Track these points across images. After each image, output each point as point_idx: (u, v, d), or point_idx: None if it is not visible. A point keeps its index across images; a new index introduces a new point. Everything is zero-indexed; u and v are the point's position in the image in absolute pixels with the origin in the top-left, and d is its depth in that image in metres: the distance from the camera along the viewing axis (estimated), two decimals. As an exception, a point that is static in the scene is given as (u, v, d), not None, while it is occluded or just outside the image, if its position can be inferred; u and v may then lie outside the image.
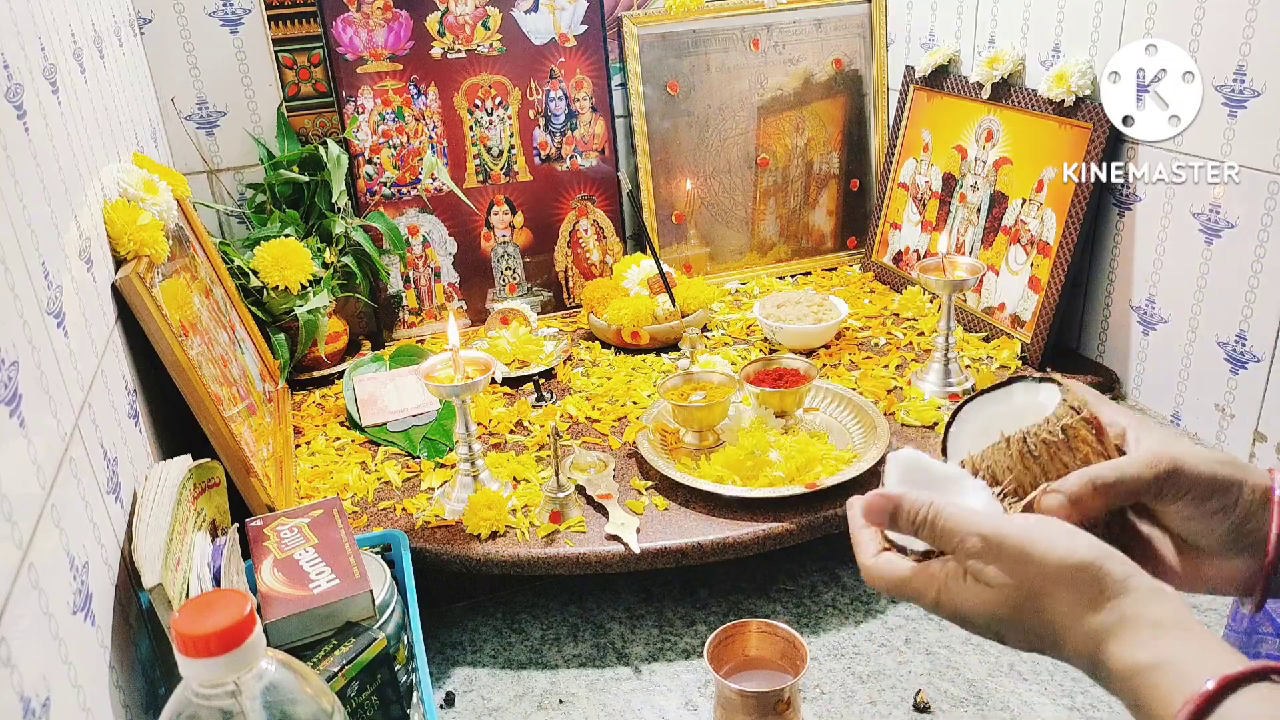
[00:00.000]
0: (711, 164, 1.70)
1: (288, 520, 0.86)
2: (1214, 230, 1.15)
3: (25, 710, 0.51)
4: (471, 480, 1.09)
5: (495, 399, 1.34)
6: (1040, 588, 0.45)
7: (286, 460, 1.18)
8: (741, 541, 1.03)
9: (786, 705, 0.82)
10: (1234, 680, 0.39)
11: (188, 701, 0.51)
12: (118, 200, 0.99)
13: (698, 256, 1.73)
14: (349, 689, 0.72)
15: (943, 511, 0.49)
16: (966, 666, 0.97)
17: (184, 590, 0.73)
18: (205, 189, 1.49)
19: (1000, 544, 0.47)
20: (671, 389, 1.20)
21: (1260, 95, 1.06)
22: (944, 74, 1.57)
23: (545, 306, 1.65)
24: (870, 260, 1.73)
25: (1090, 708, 0.91)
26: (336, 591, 0.76)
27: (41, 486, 0.61)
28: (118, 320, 0.92)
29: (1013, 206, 1.42)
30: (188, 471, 0.82)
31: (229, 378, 1.10)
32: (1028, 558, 0.46)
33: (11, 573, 0.53)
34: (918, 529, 0.50)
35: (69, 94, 0.90)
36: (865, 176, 1.79)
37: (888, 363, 1.38)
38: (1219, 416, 1.18)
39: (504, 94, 1.56)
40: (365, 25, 1.47)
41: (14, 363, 0.60)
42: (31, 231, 0.70)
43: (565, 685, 0.98)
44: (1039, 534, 0.46)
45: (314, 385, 1.42)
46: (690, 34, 1.64)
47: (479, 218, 1.59)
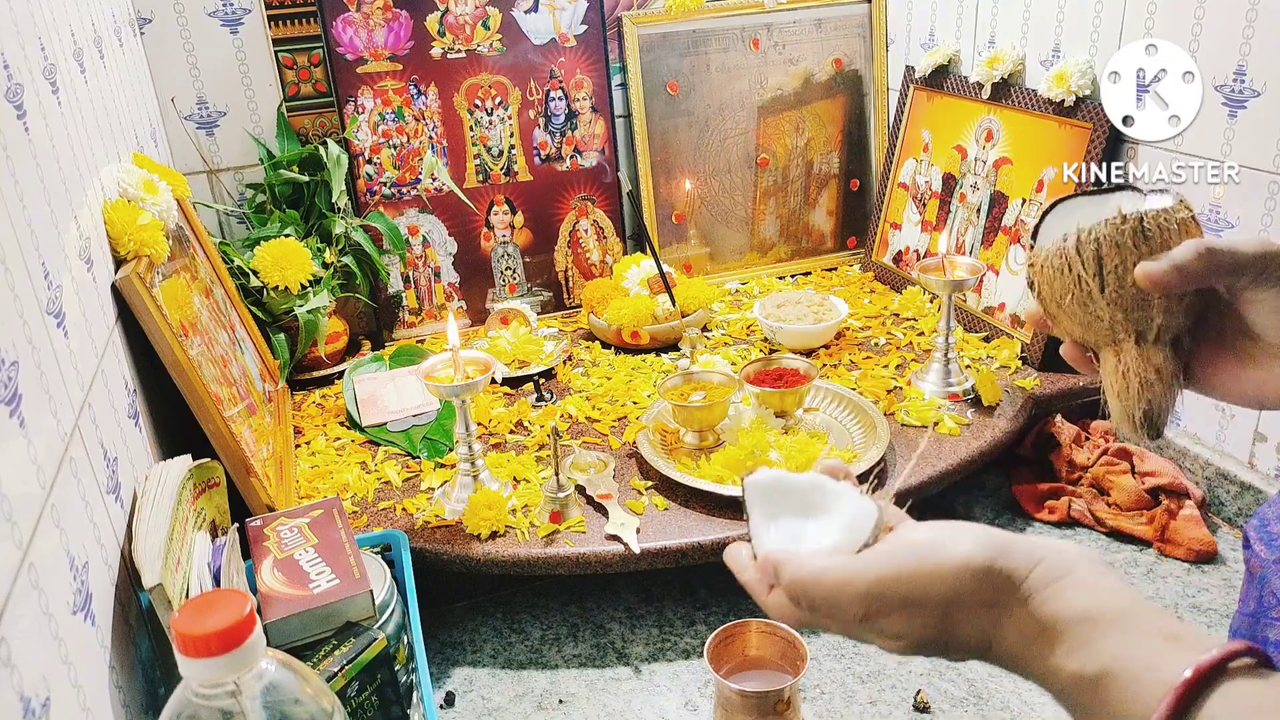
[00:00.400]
0: (711, 164, 1.70)
1: (288, 520, 0.86)
2: (1214, 230, 1.15)
3: (25, 710, 0.51)
4: (471, 480, 1.09)
5: (495, 399, 1.34)
6: (945, 612, 0.42)
7: (286, 460, 1.18)
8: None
9: (786, 705, 0.82)
10: (1193, 684, 0.35)
11: (188, 701, 0.51)
12: (118, 200, 0.99)
13: (698, 256, 1.73)
14: (349, 689, 0.72)
15: (809, 579, 0.44)
16: (966, 666, 0.97)
17: (184, 590, 0.73)
18: (205, 189, 1.49)
19: (883, 594, 0.42)
20: (671, 389, 1.20)
21: (1260, 95, 1.06)
22: (944, 74, 1.57)
23: (545, 306, 1.65)
24: (870, 260, 1.73)
25: (1090, 708, 0.91)
26: (336, 591, 0.76)
27: (41, 486, 0.61)
28: (118, 320, 0.92)
29: (1013, 206, 1.41)
30: (188, 471, 0.81)
31: (229, 378, 1.10)
32: (920, 587, 0.42)
33: (11, 573, 0.53)
34: (794, 598, 0.46)
35: (69, 94, 0.90)
36: (865, 176, 1.79)
37: (888, 363, 1.38)
38: (1219, 416, 1.18)
39: (504, 94, 1.56)
40: (365, 25, 1.47)
41: (14, 363, 0.60)
42: (31, 231, 0.70)
43: (565, 685, 0.98)
44: (919, 555, 0.42)
45: (314, 385, 1.42)
46: (690, 34, 1.64)
47: (479, 218, 1.59)
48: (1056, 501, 1.20)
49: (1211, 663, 0.36)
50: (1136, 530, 1.15)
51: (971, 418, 1.23)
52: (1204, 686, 0.36)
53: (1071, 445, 1.24)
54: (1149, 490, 1.16)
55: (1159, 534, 1.13)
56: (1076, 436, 1.26)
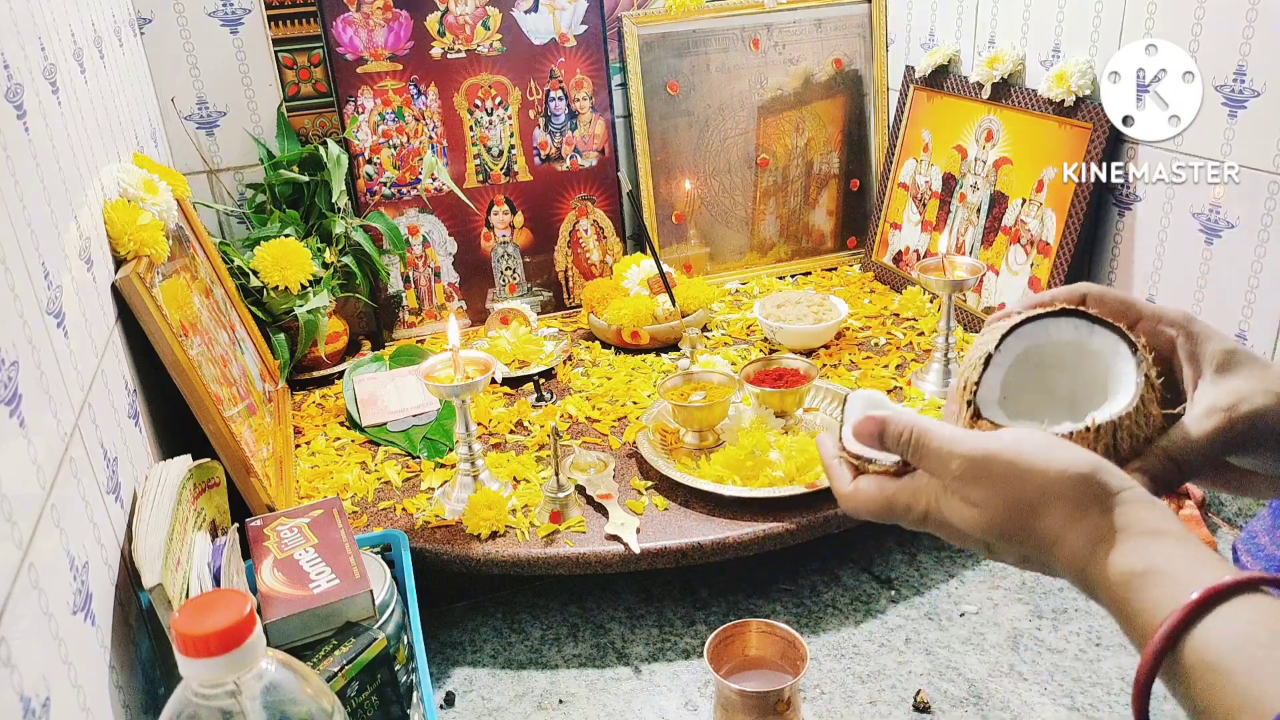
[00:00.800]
0: (711, 164, 1.70)
1: (288, 520, 0.86)
2: (1214, 230, 1.15)
3: (25, 710, 0.51)
4: (471, 480, 1.09)
5: (495, 399, 1.34)
6: (1034, 501, 0.44)
7: (286, 460, 1.18)
8: (741, 541, 1.03)
9: (786, 705, 0.82)
10: (1221, 591, 0.38)
11: (188, 701, 0.51)
12: (118, 200, 0.99)
13: (698, 256, 1.73)
14: (349, 689, 0.72)
15: (928, 430, 0.48)
16: (966, 666, 0.97)
17: (184, 590, 0.73)
18: (205, 189, 1.49)
19: (987, 463, 0.45)
20: (671, 389, 1.20)
21: (1260, 95, 1.06)
22: (944, 74, 1.57)
23: (545, 306, 1.65)
24: (870, 260, 1.73)
25: (1090, 708, 0.91)
26: (336, 591, 0.76)
27: (41, 486, 0.61)
28: (118, 320, 0.92)
29: (1013, 206, 1.41)
30: (188, 471, 0.81)
31: (229, 378, 1.10)
32: (1020, 473, 0.45)
33: (11, 573, 0.53)
34: (903, 449, 0.49)
35: (69, 94, 0.90)
36: (865, 176, 1.79)
37: (888, 363, 1.38)
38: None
39: (504, 94, 1.56)
40: (365, 25, 1.47)
41: (14, 363, 0.60)
42: (31, 231, 0.70)
43: (565, 685, 0.98)
44: (1030, 448, 0.45)
45: (314, 385, 1.42)
46: (690, 34, 1.64)
47: (479, 218, 1.59)
48: (1056, 501, 1.20)
49: (1240, 580, 0.38)
50: (1136, 530, 1.15)
51: (971, 418, 1.23)
52: (1229, 595, 0.38)
53: (1071, 445, 1.24)
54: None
55: (1159, 534, 1.13)
56: (1076, 436, 1.26)
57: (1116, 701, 0.92)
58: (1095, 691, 0.93)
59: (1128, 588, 0.41)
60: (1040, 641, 1.00)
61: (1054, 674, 0.95)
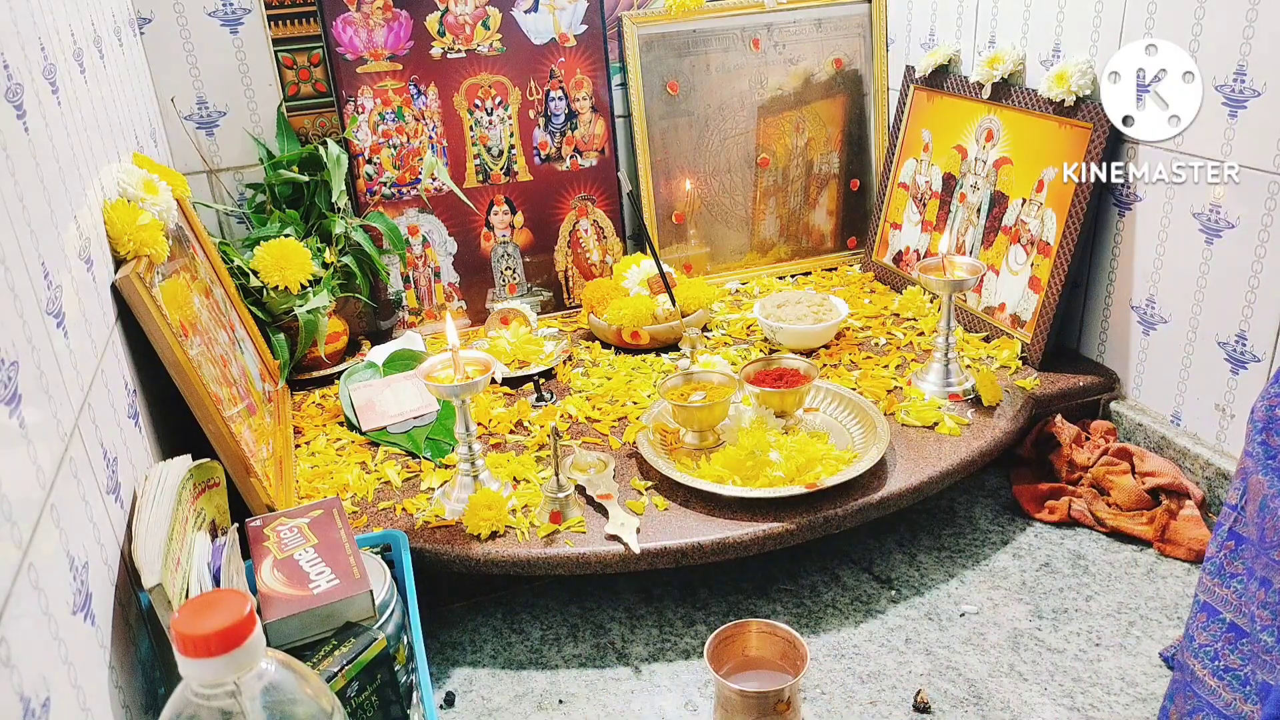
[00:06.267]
0: (711, 164, 1.70)
1: (288, 520, 0.86)
2: (1214, 230, 1.15)
3: (25, 710, 0.51)
4: (471, 480, 1.09)
5: (495, 399, 1.34)
6: None
7: (286, 460, 1.18)
8: (741, 541, 1.03)
9: (786, 705, 0.82)
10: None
11: (188, 701, 0.51)
12: (118, 200, 0.99)
13: (698, 256, 1.73)
14: (349, 689, 0.72)
15: None
16: (966, 666, 0.97)
17: (184, 590, 0.73)
18: (205, 189, 1.49)
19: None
20: (671, 389, 1.20)
21: (1260, 95, 1.06)
22: (944, 74, 1.57)
23: (545, 306, 1.65)
24: (870, 260, 1.73)
25: (1090, 708, 0.91)
26: (336, 591, 0.76)
27: (41, 487, 0.61)
28: (118, 320, 0.92)
29: (1013, 206, 1.41)
30: (188, 471, 0.81)
31: (229, 378, 1.10)
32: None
33: (11, 573, 0.53)
34: None
35: (69, 94, 0.90)
36: (865, 176, 1.79)
37: (888, 363, 1.38)
38: (1219, 416, 1.18)
39: (504, 94, 1.55)
40: (365, 25, 1.47)
41: (14, 363, 0.60)
42: (31, 231, 0.70)
43: (565, 685, 0.98)
44: None
45: (314, 385, 1.42)
46: (690, 34, 1.64)
47: (479, 218, 1.59)
48: (1057, 501, 1.20)
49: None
50: (1137, 530, 1.15)
51: (971, 418, 1.23)
52: None
53: (1072, 445, 1.25)
54: (1149, 490, 1.16)
55: (1159, 534, 1.13)
56: (1077, 436, 1.26)
57: (1116, 701, 0.92)
58: (1095, 691, 0.93)
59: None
60: (1040, 641, 1.00)
61: (1054, 674, 0.95)
